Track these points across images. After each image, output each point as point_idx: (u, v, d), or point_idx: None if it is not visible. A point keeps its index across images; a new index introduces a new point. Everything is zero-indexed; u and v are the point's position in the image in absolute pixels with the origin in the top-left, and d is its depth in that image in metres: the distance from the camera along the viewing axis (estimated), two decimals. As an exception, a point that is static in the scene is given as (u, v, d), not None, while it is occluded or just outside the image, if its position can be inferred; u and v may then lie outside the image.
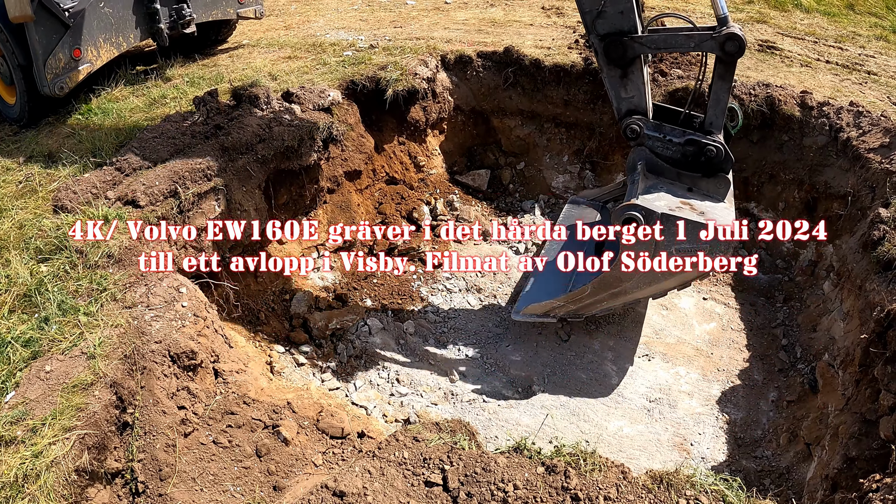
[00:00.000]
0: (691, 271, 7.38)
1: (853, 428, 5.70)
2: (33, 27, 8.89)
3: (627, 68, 7.14)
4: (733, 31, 6.73)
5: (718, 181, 7.46)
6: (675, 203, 7.19)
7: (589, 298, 7.87)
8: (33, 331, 5.52)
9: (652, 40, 6.98)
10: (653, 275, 7.42)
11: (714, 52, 6.90)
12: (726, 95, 7.13)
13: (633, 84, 7.26)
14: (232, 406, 5.94)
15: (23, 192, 7.68)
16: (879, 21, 14.39)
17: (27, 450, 4.59)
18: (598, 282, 7.67)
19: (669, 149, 7.47)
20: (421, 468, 4.78)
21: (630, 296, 7.80)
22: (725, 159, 7.33)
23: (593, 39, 7.07)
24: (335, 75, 10.01)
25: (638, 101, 7.34)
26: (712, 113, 7.23)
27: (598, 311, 8.09)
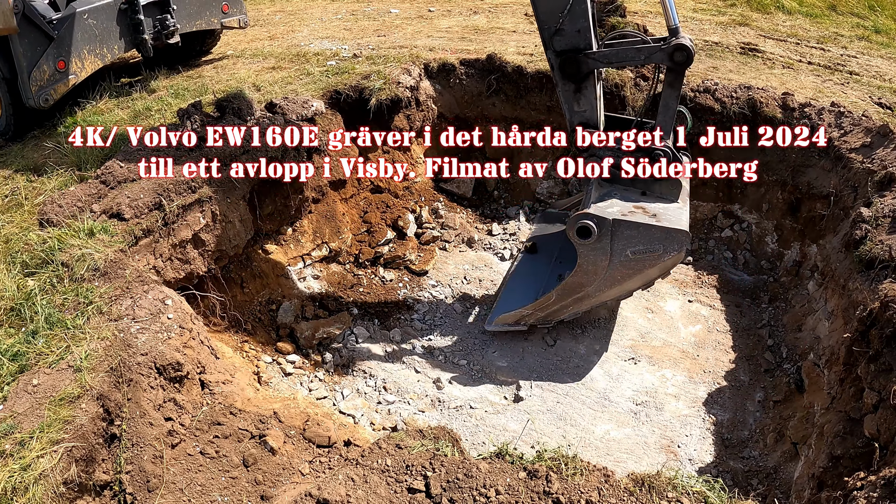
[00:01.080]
0: (651, 271, 7.71)
1: (838, 426, 5.74)
2: (17, 39, 8.91)
3: (581, 83, 7.40)
4: (681, 41, 6.94)
5: (671, 183, 7.72)
6: (627, 208, 7.50)
7: (555, 305, 8.21)
8: (20, 344, 5.52)
9: (605, 55, 7.22)
10: (614, 278, 7.75)
11: (663, 62, 7.13)
12: (675, 102, 7.37)
13: (585, 99, 7.52)
14: (219, 417, 5.95)
15: (8, 205, 7.69)
16: (861, 22, 14.50)
17: (15, 463, 4.59)
18: (562, 288, 8.00)
19: (620, 157, 7.72)
20: (404, 475, 4.80)
21: (595, 299, 8.09)
22: (675, 161, 7.59)
23: (550, 55, 7.30)
24: (319, 85, 10.04)
25: (590, 114, 7.62)
26: (662, 119, 7.49)
27: (567, 315, 8.44)
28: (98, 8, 9.75)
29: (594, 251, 7.48)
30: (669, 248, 7.38)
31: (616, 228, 7.30)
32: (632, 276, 7.77)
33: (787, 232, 9.53)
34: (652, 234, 7.30)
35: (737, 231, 10.05)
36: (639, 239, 7.36)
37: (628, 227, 7.29)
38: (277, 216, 8.78)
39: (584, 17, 7.00)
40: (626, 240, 7.37)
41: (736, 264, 9.82)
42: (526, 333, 8.54)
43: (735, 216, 10.12)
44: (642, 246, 7.42)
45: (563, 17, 6.98)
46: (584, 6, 6.95)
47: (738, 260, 9.85)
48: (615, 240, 7.38)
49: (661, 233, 7.30)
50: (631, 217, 7.33)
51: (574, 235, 7.37)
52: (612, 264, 7.59)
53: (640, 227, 7.28)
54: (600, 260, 7.56)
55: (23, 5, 8.77)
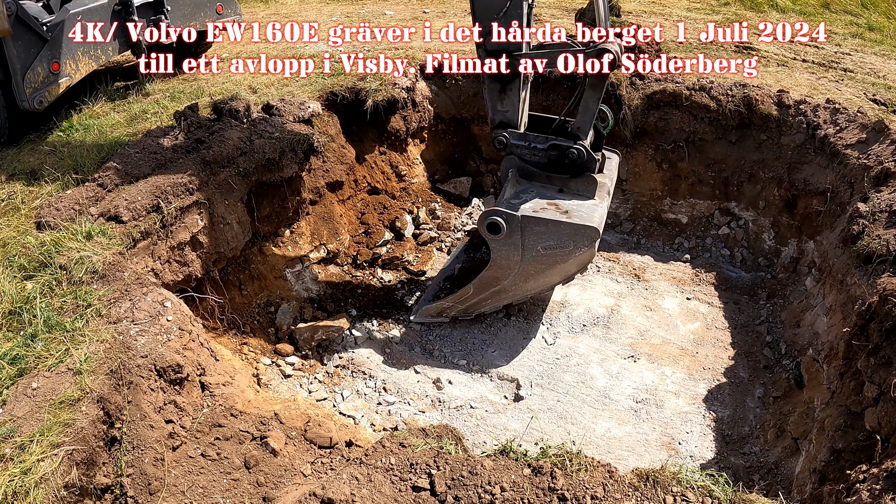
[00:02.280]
0: (565, 266, 7.93)
1: (839, 420, 5.75)
2: (11, 41, 8.88)
3: (507, 84, 7.56)
4: (607, 46, 7.04)
5: (586, 180, 7.92)
6: (540, 205, 7.73)
7: (473, 298, 8.44)
8: (19, 348, 5.50)
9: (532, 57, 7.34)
10: (528, 272, 7.99)
11: None
12: (595, 105, 7.52)
13: (509, 99, 7.69)
14: (219, 419, 5.94)
15: (5, 209, 7.67)
16: (854, 19, 14.54)
17: (15, 467, 4.57)
18: (478, 282, 8.20)
19: (536, 154, 7.94)
20: (408, 473, 4.79)
21: (512, 293, 8.33)
22: (589, 160, 7.78)
23: (480, 52, 7.44)
24: (315, 87, 10.03)
25: (511, 115, 7.81)
26: (580, 119, 7.67)
27: (487, 308, 8.71)
28: (92, 10, 9.72)
29: (505, 246, 7.69)
30: (580, 244, 7.57)
31: (525, 224, 7.48)
32: (546, 271, 8.00)
33: (784, 228, 9.54)
34: (561, 230, 7.49)
35: (734, 228, 10.06)
36: (548, 235, 7.54)
37: (537, 223, 7.48)
38: (275, 218, 8.76)
39: (518, 22, 7.13)
40: (537, 235, 7.55)
41: (733, 261, 9.83)
42: (525, 332, 8.54)
43: (732, 213, 10.13)
44: (552, 241, 7.60)
45: (499, 19, 7.12)
46: (521, 11, 7.07)
47: (736, 257, 9.86)
48: (525, 235, 7.56)
49: (570, 229, 7.49)
50: (541, 213, 7.54)
51: (484, 231, 7.56)
52: (524, 259, 7.78)
53: (549, 223, 7.48)
54: (512, 255, 7.76)
55: (16, 7, 8.74)
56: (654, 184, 10.49)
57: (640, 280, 9.48)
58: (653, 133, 10.17)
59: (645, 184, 10.55)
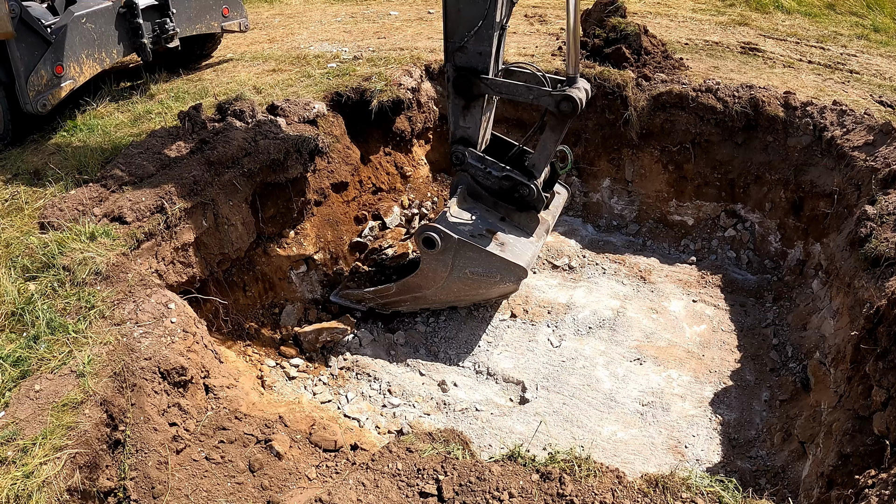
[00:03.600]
0: (486, 292, 8.32)
1: (847, 424, 5.71)
2: (14, 44, 8.83)
3: (471, 102, 7.58)
4: (570, 94, 7.05)
5: (529, 217, 8.08)
6: (479, 230, 7.85)
7: (393, 297, 8.54)
8: (22, 350, 5.46)
9: (496, 84, 7.38)
10: (450, 289, 8.19)
11: (549, 108, 7.26)
12: (553, 146, 7.59)
13: (472, 117, 7.72)
14: (224, 421, 5.90)
15: (8, 209, 7.63)
16: (860, 20, 14.50)
17: (18, 470, 4.53)
18: (402, 284, 8.31)
19: (489, 179, 7.98)
20: (415, 479, 4.75)
21: (430, 302, 8.60)
22: (537, 199, 7.87)
23: (448, 67, 7.46)
24: (320, 87, 10.00)
25: (472, 132, 7.83)
26: (536, 157, 7.77)
27: (403, 308, 8.84)
28: (96, 12, 9.67)
29: (436, 261, 7.79)
30: (506, 279, 7.80)
31: (460, 247, 7.59)
32: (467, 291, 8.23)
33: (791, 231, 9.50)
34: (492, 261, 7.65)
35: (740, 230, 10.02)
36: (479, 262, 7.70)
37: (471, 249, 7.60)
38: (280, 219, 8.73)
39: (488, 43, 7.15)
40: (468, 260, 7.71)
41: (739, 264, 9.79)
42: (531, 335, 8.50)
43: (738, 215, 10.09)
44: (481, 269, 7.77)
45: (469, 37, 7.15)
46: (491, 32, 7.09)
47: (742, 259, 9.82)
48: (457, 257, 7.69)
49: (501, 263, 7.64)
50: (477, 241, 7.62)
51: (419, 243, 7.63)
52: (450, 277, 7.93)
53: (483, 252, 7.60)
54: (440, 270, 7.89)
55: (20, 10, 8.70)
56: (660, 185, 10.45)
57: (646, 282, 9.44)
58: (659, 134, 10.14)
59: (651, 185, 10.51)
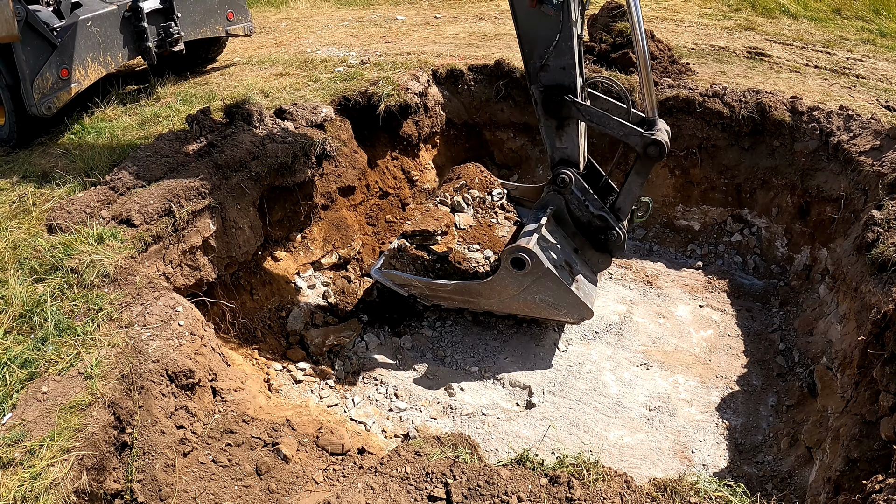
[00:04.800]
0: (542, 316, 8.17)
1: (854, 430, 5.69)
2: (20, 47, 8.87)
3: (564, 121, 7.40)
4: (659, 138, 7.01)
5: (603, 259, 8.11)
6: (560, 262, 7.76)
7: (445, 293, 8.23)
8: (30, 351, 5.48)
9: (588, 112, 7.24)
10: (510, 305, 8.06)
11: (637, 148, 7.20)
12: (638, 189, 7.57)
13: (567, 136, 7.54)
14: (231, 424, 5.91)
15: (16, 212, 7.66)
16: (866, 25, 14.47)
17: (25, 472, 4.54)
18: (463, 286, 8.02)
19: (582, 211, 7.90)
20: (424, 483, 4.74)
21: (480, 307, 8.39)
22: (620, 246, 7.89)
23: (534, 90, 7.29)
24: (327, 91, 10.01)
25: (571, 152, 7.64)
26: (623, 200, 7.71)
27: (446, 305, 8.61)
28: (102, 16, 9.71)
29: (512, 279, 7.61)
30: (570, 314, 7.89)
31: (543, 276, 7.47)
32: (524, 311, 8.14)
33: (797, 236, 9.48)
34: (567, 297, 7.65)
35: (746, 235, 10.00)
36: (553, 294, 7.64)
37: (553, 280, 7.51)
38: (287, 223, 8.75)
39: (569, 55, 6.97)
40: (544, 288, 7.61)
41: (746, 269, 9.77)
42: (538, 339, 8.49)
43: (744, 220, 10.07)
44: (551, 300, 7.73)
45: (549, 54, 6.97)
46: (571, 44, 6.91)
47: (749, 264, 9.80)
48: (535, 283, 7.57)
49: (575, 301, 7.68)
50: (558, 273, 7.54)
51: (507, 261, 7.45)
52: (517, 296, 7.81)
53: (562, 287, 7.56)
54: (511, 288, 7.73)
55: (26, 13, 8.73)
56: (667, 190, 10.44)
57: (653, 287, 9.43)
58: (665, 139, 10.12)
59: (657, 190, 10.49)
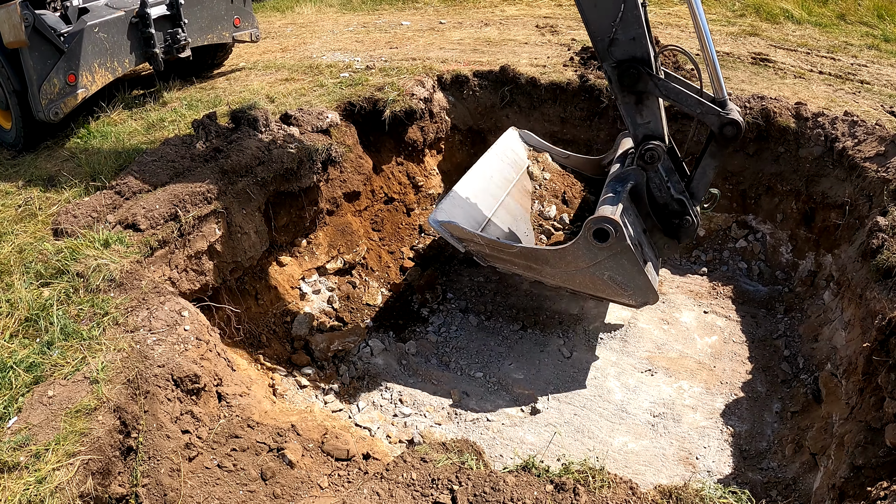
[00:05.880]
0: (604, 295, 7.74)
1: (858, 436, 5.68)
2: (28, 52, 8.90)
3: (642, 94, 6.98)
4: (736, 118, 6.78)
5: (670, 244, 7.75)
6: (635, 240, 7.22)
7: (508, 256, 7.76)
8: (35, 355, 5.48)
9: (665, 87, 6.84)
10: (574, 279, 7.55)
11: (713, 127, 6.94)
12: (712, 172, 7.29)
13: (648, 110, 7.08)
14: (236, 429, 5.91)
15: (22, 215, 7.67)
16: (870, 30, 14.47)
17: (31, 476, 4.55)
18: (531, 251, 7.64)
19: (662, 192, 7.50)
20: (430, 489, 4.75)
21: (541, 278, 7.90)
22: (691, 233, 7.60)
23: (607, 67, 6.87)
24: (333, 97, 10.03)
25: (654, 126, 7.17)
26: (696, 184, 7.41)
27: (502, 268, 8.15)
28: (109, 21, 9.74)
29: (587, 250, 7.13)
30: (635, 297, 7.47)
31: (620, 253, 7.03)
32: (587, 287, 7.64)
33: (802, 242, 9.47)
34: (637, 278, 7.25)
35: (751, 241, 9.99)
36: (625, 273, 7.24)
37: (629, 260, 7.09)
38: (292, 228, 8.76)
39: (637, 25, 6.57)
40: (617, 266, 7.18)
41: (751, 275, 9.77)
42: (543, 345, 8.49)
43: (749, 226, 10.07)
44: (621, 279, 7.31)
45: (616, 26, 6.59)
46: (637, 13, 6.52)
47: (753, 270, 9.79)
48: (610, 259, 7.14)
49: (645, 284, 7.30)
50: (637, 252, 7.11)
51: (590, 231, 6.94)
52: (585, 270, 7.34)
53: (637, 268, 7.16)
54: (583, 260, 7.27)
55: (33, 18, 8.76)
56: (672, 196, 10.44)
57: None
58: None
59: (661, 196, 10.49)
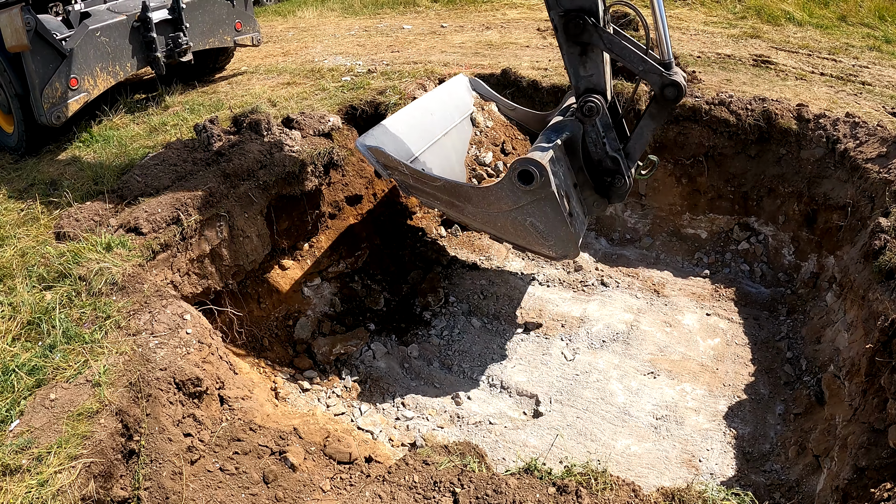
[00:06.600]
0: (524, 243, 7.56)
1: (862, 438, 5.67)
2: (30, 56, 8.92)
3: (587, 46, 6.91)
4: (678, 80, 6.73)
5: (599, 203, 7.60)
6: (562, 190, 7.00)
7: (431, 189, 7.66)
8: (38, 358, 5.50)
9: (609, 40, 6.76)
10: (495, 222, 7.43)
11: (654, 87, 6.89)
12: (650, 133, 7.21)
13: (592, 62, 7.00)
14: (238, 433, 5.91)
15: (25, 219, 7.69)
16: (872, 32, 14.46)
17: (33, 478, 4.56)
18: (454, 186, 7.50)
19: (597, 148, 7.31)
20: (432, 492, 4.74)
21: (461, 217, 7.83)
22: (622, 194, 7.46)
23: (554, 15, 6.84)
24: (334, 101, 10.04)
25: (597, 80, 7.08)
26: (633, 144, 7.31)
27: (424, 200, 8.06)
28: (111, 26, 9.77)
29: (511, 193, 6.99)
30: (555, 248, 7.29)
31: (544, 199, 6.86)
32: (507, 233, 7.51)
33: (804, 243, 9.46)
34: (559, 229, 7.07)
35: (753, 243, 9.98)
36: (547, 222, 7.04)
37: (552, 208, 6.90)
38: (294, 231, 8.76)
39: None
40: (539, 213, 7.00)
41: (753, 277, 9.75)
42: (545, 348, 8.48)
43: (751, 228, 10.06)
44: (542, 227, 7.10)
45: None
46: None
47: (756, 272, 9.78)
48: (533, 204, 6.96)
49: (566, 235, 7.12)
50: (563, 202, 6.91)
51: (514, 173, 6.81)
52: (507, 213, 7.19)
53: (559, 218, 6.97)
54: (505, 203, 7.12)
55: (35, 23, 8.78)
56: (674, 198, 10.44)
57: (660, 295, 9.42)
58: (672, 147, 10.13)
59: (664, 198, 10.50)
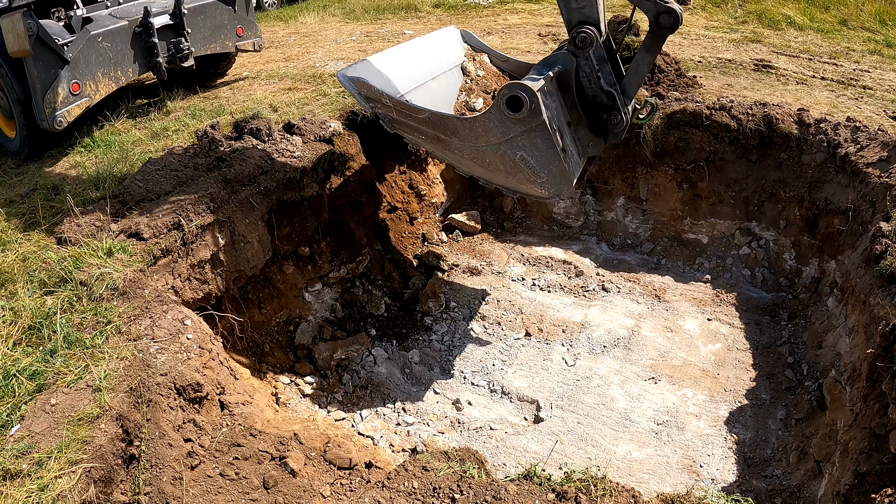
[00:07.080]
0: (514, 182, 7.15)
1: (863, 443, 5.66)
2: (32, 61, 8.94)
3: None
4: (673, 6, 6.43)
5: (595, 142, 7.23)
6: (554, 124, 6.58)
7: (415, 122, 7.21)
8: (39, 363, 5.50)
9: None
10: (483, 158, 7.01)
11: (649, 15, 6.55)
12: (646, 67, 6.85)
13: None
14: (238, 438, 5.90)
15: (26, 224, 7.70)
16: (872, 36, 14.48)
17: (33, 483, 4.55)
18: (440, 117, 7.07)
19: (591, 83, 6.96)
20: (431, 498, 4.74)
21: (449, 155, 7.45)
22: (618, 133, 7.13)
23: None
24: (335, 106, 10.05)
25: (589, 11, 6.72)
26: (629, 79, 6.96)
27: (410, 137, 7.65)
28: (112, 31, 9.79)
29: (499, 122, 6.53)
30: (548, 185, 6.81)
31: (535, 129, 6.40)
32: (496, 172, 7.10)
33: (805, 248, 9.46)
34: (552, 163, 6.63)
35: (754, 248, 9.98)
36: (539, 154, 6.60)
37: (544, 139, 6.46)
38: (295, 236, 8.75)
39: None
40: (531, 145, 6.56)
41: (754, 282, 9.75)
42: (546, 354, 8.48)
43: (752, 233, 10.05)
44: (534, 161, 6.65)
45: None
46: None
47: (757, 277, 9.78)
48: (523, 136, 6.52)
49: (559, 172, 6.68)
50: (554, 136, 6.47)
51: (503, 99, 6.36)
52: (496, 147, 6.77)
53: (551, 151, 6.52)
54: (494, 134, 6.67)
55: (37, 28, 8.81)
56: (675, 204, 10.44)
57: (661, 301, 9.42)
58: (673, 153, 10.13)
59: (665, 204, 10.50)
